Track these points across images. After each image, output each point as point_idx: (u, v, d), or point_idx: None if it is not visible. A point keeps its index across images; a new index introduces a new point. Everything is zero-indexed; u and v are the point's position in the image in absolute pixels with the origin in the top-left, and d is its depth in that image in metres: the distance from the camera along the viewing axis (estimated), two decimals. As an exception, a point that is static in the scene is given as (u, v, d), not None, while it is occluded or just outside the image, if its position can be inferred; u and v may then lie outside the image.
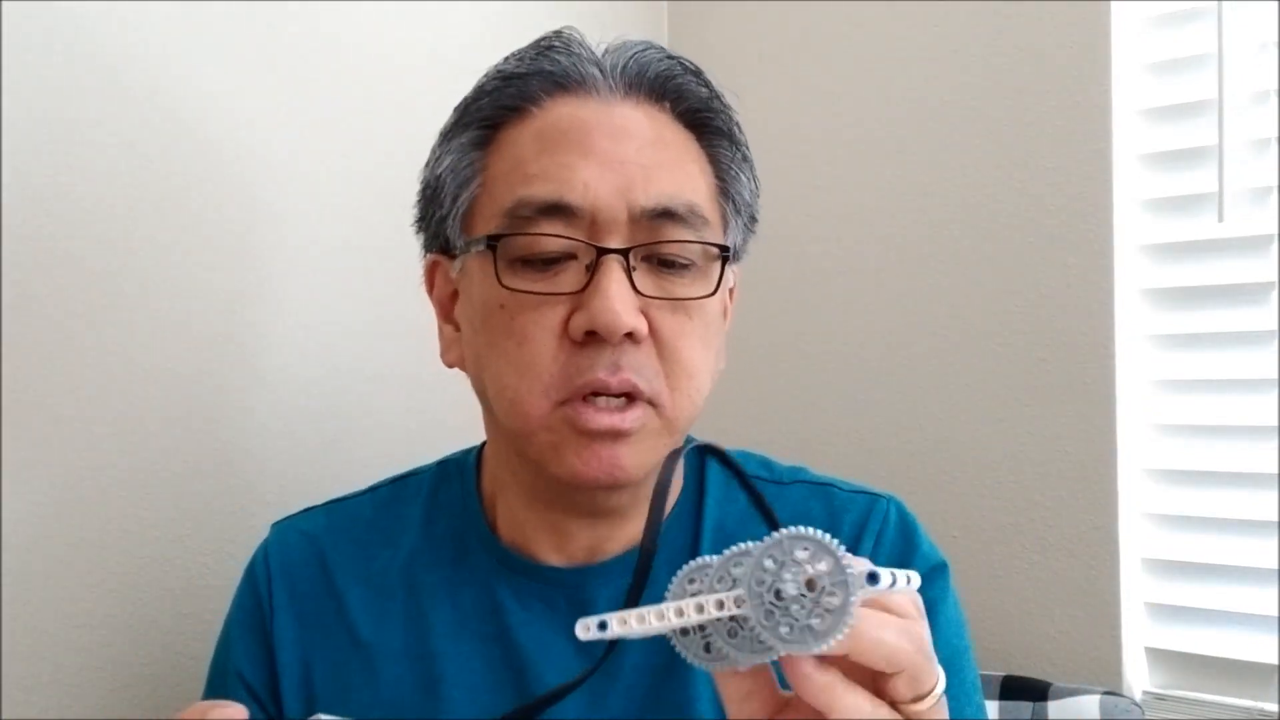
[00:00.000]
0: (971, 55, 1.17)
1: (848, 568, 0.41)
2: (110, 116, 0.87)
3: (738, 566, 0.43)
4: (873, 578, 0.41)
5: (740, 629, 0.43)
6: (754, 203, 0.74)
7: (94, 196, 0.86)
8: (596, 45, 0.70)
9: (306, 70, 1.00)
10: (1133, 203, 1.09)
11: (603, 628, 0.43)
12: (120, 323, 0.88)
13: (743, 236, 0.74)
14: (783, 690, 0.46)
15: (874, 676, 0.44)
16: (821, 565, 0.41)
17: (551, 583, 0.71)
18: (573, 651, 0.69)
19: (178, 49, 0.91)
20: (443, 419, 1.04)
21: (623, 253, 0.64)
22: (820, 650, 0.41)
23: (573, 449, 0.64)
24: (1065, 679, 1.05)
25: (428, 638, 0.71)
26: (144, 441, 0.89)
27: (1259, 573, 1.02)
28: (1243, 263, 1.04)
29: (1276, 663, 1.00)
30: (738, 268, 0.76)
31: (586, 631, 0.44)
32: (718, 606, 0.42)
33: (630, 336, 0.64)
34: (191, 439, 0.92)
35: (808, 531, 0.42)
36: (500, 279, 0.65)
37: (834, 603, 0.40)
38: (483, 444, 0.77)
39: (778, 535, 0.42)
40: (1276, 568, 1.01)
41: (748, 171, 0.73)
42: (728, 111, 0.72)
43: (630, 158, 0.65)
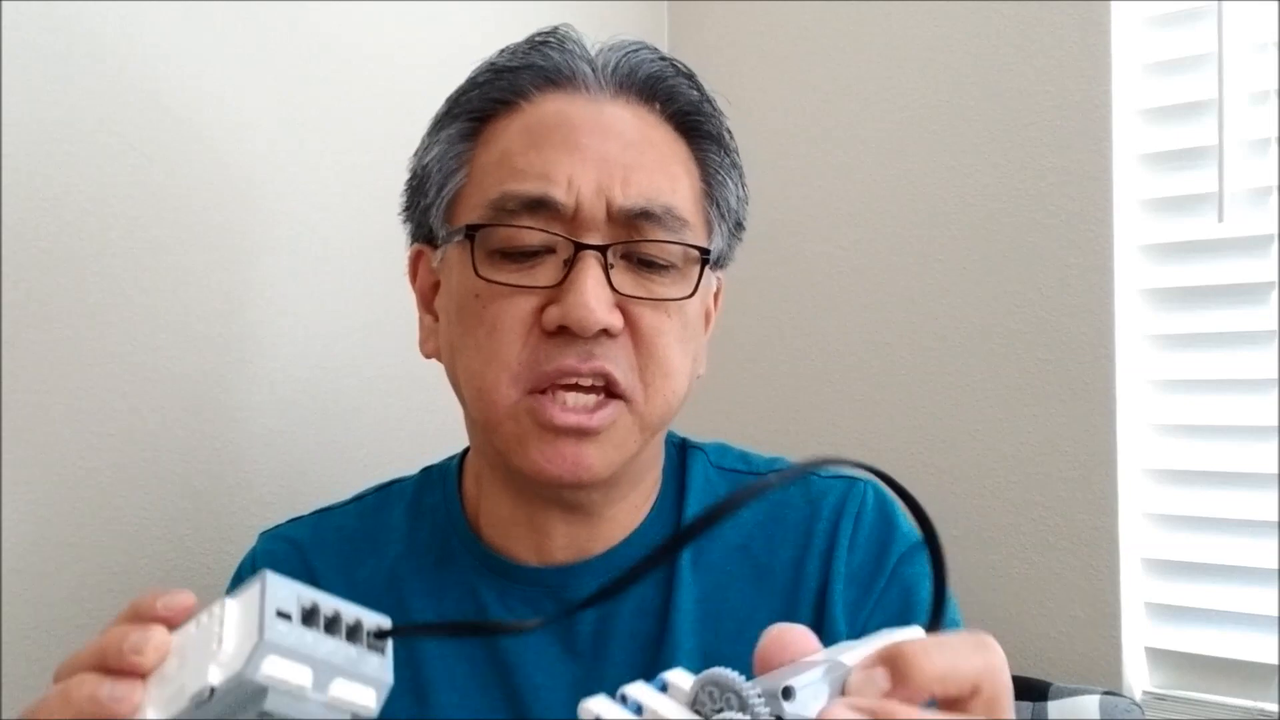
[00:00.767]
0: (971, 55, 1.17)
1: (752, 704, 0.37)
2: (110, 116, 0.87)
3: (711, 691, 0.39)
4: (787, 692, 0.37)
5: None
6: (740, 209, 0.73)
7: (93, 196, 0.86)
8: (591, 43, 0.70)
9: (306, 70, 1.00)
10: (1133, 203, 1.09)
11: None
12: (120, 323, 0.88)
13: (728, 242, 0.73)
14: None
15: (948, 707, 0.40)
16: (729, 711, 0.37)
17: (534, 583, 0.70)
18: (558, 652, 0.69)
19: (176, 49, 0.91)
20: (442, 419, 1.04)
21: (600, 249, 0.64)
22: None
23: (536, 444, 0.64)
24: (1065, 679, 1.05)
25: (414, 643, 0.70)
26: (144, 441, 0.89)
27: (1259, 573, 1.02)
28: (1243, 263, 1.04)
29: (1276, 663, 1.00)
30: (722, 274, 0.76)
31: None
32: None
33: (605, 333, 0.63)
34: (191, 439, 0.93)
35: (714, 675, 0.38)
36: (476, 269, 0.65)
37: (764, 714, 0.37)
38: (466, 450, 0.77)
39: (695, 681, 0.38)
40: (1276, 568, 1.01)
41: (735, 177, 0.72)
42: (718, 116, 0.71)
43: (614, 156, 0.65)
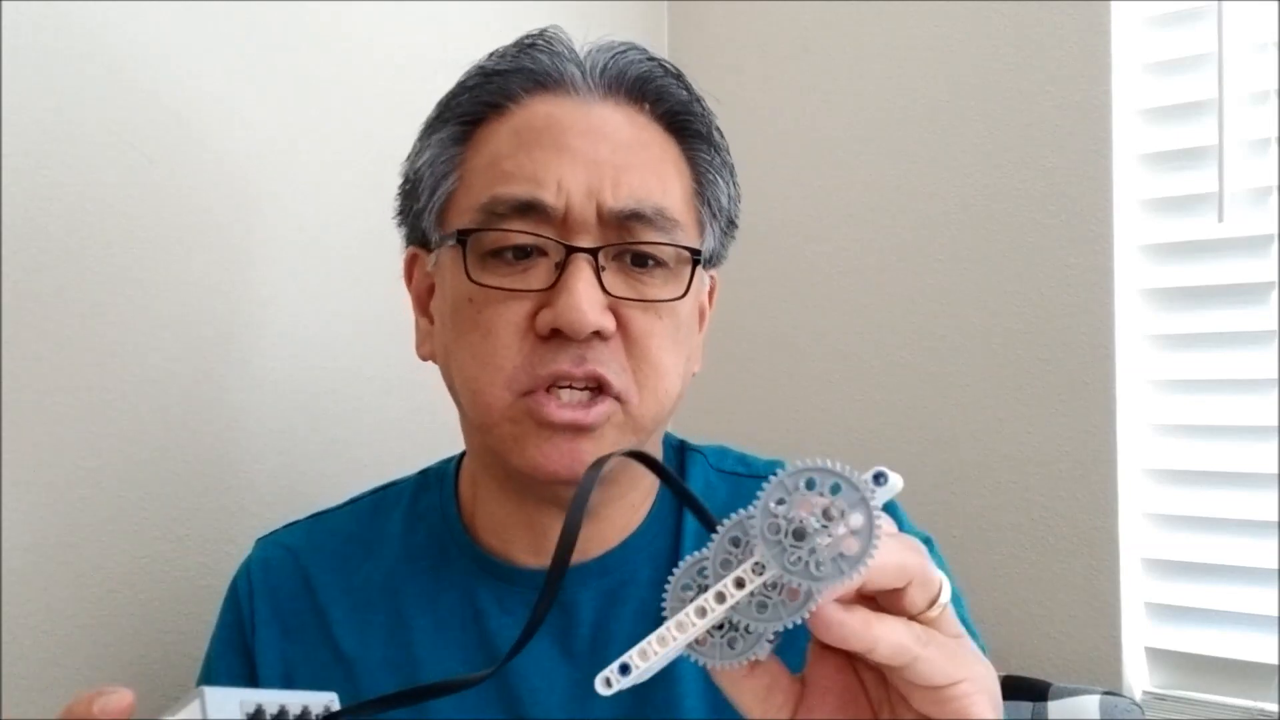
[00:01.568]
0: (971, 55, 1.17)
1: (860, 484, 0.39)
2: (110, 117, 0.87)
3: (735, 540, 0.41)
4: (879, 478, 0.39)
5: (769, 598, 0.40)
6: (732, 207, 0.73)
7: (93, 196, 0.86)
8: (580, 45, 0.70)
9: (306, 70, 1.00)
10: (1133, 203, 1.09)
11: (625, 671, 0.41)
12: (120, 323, 0.88)
13: (720, 241, 0.73)
14: (795, 674, 0.45)
15: (885, 599, 0.42)
16: (829, 490, 0.39)
17: (531, 586, 0.70)
18: (557, 655, 0.69)
19: (176, 49, 0.91)
20: (442, 419, 1.04)
21: (592, 252, 0.64)
22: (861, 575, 0.39)
23: (533, 441, 0.64)
24: (1065, 679, 1.05)
25: (410, 647, 0.70)
26: (144, 441, 0.89)
27: (1259, 573, 1.02)
28: (1243, 263, 1.04)
29: (1276, 663, 1.00)
30: (716, 272, 0.76)
31: (609, 685, 0.41)
32: (738, 585, 0.40)
33: (598, 335, 0.63)
34: (191, 439, 0.92)
35: (807, 463, 0.40)
36: (469, 273, 0.65)
37: (858, 521, 0.39)
38: (462, 453, 0.77)
39: (777, 477, 0.40)
40: (1276, 568, 1.01)
41: (726, 176, 0.72)
42: (708, 115, 0.71)
43: (604, 158, 0.65)
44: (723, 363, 1.31)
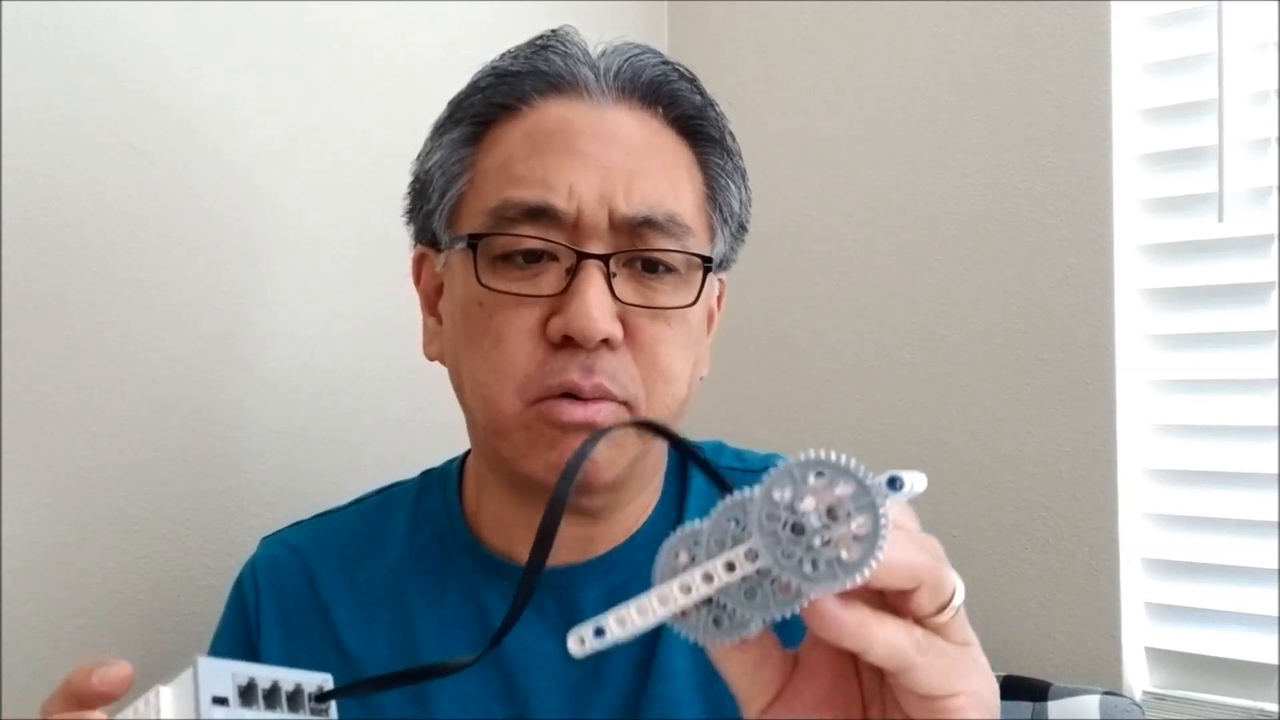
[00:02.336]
0: (971, 55, 1.17)
1: (871, 485, 0.37)
2: (110, 116, 0.87)
3: (735, 519, 0.38)
4: (894, 483, 0.37)
5: (759, 586, 0.38)
6: (743, 212, 0.73)
7: (94, 196, 0.86)
8: (594, 46, 0.69)
9: (307, 70, 1.00)
10: (1133, 203, 1.09)
11: (600, 634, 0.39)
12: (120, 323, 0.88)
13: (730, 245, 0.73)
14: (788, 649, 0.44)
15: (893, 598, 0.40)
16: (840, 489, 0.37)
17: (537, 585, 0.70)
18: (560, 653, 0.68)
19: (177, 49, 0.91)
20: (444, 419, 1.04)
21: (603, 258, 0.64)
22: (856, 582, 0.36)
23: (547, 443, 0.64)
24: (1065, 679, 1.05)
25: (414, 647, 0.70)
26: (144, 441, 0.89)
27: (1259, 573, 1.02)
28: (1243, 263, 1.04)
29: (1276, 663, 1.00)
30: (725, 275, 0.75)
31: (582, 644, 0.39)
32: (728, 569, 0.38)
33: (606, 343, 0.63)
34: (191, 439, 0.92)
35: (818, 455, 0.38)
36: (480, 278, 0.64)
37: (863, 527, 0.36)
38: (466, 453, 0.76)
39: (785, 465, 0.38)
40: (1276, 568, 1.01)
41: (738, 181, 0.72)
42: (721, 120, 0.71)
43: (616, 163, 0.65)
44: (723, 362, 1.30)
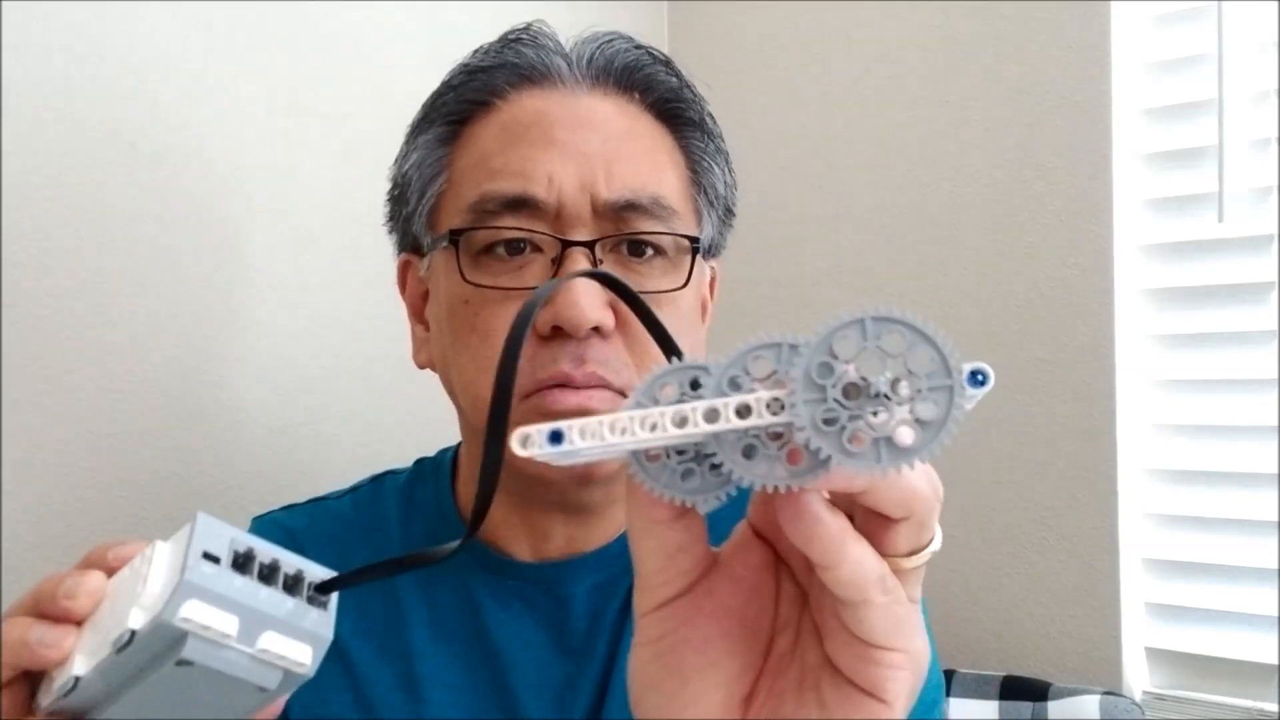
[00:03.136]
0: (972, 55, 1.17)
1: (954, 366, 0.31)
2: (110, 116, 0.87)
3: (760, 361, 0.32)
4: (977, 376, 0.31)
5: (764, 447, 0.32)
6: (729, 195, 0.72)
7: (93, 196, 0.86)
8: (566, 37, 0.69)
9: (304, 70, 1.00)
10: (1133, 203, 1.09)
11: (556, 439, 0.32)
12: (120, 323, 0.88)
13: (718, 229, 0.72)
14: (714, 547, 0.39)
15: (869, 522, 0.35)
16: (917, 361, 0.31)
17: (529, 580, 0.69)
18: (552, 649, 0.68)
19: (173, 50, 0.91)
20: (436, 416, 1.05)
21: (588, 245, 0.63)
22: (893, 474, 0.31)
23: None
24: (1065, 679, 1.05)
25: (406, 638, 0.70)
26: (143, 441, 0.89)
27: (1259, 573, 1.02)
28: (1243, 263, 1.04)
29: (1276, 663, 1.00)
30: (717, 263, 0.75)
31: (524, 446, 0.32)
32: (741, 413, 0.31)
33: (597, 331, 0.62)
34: (191, 439, 0.92)
35: (900, 315, 0.31)
36: (463, 274, 0.64)
37: (929, 412, 0.31)
38: (459, 444, 0.76)
39: (856, 316, 0.32)
40: (1276, 568, 1.01)
41: (721, 163, 0.71)
42: (699, 102, 0.70)
43: (594, 149, 0.64)
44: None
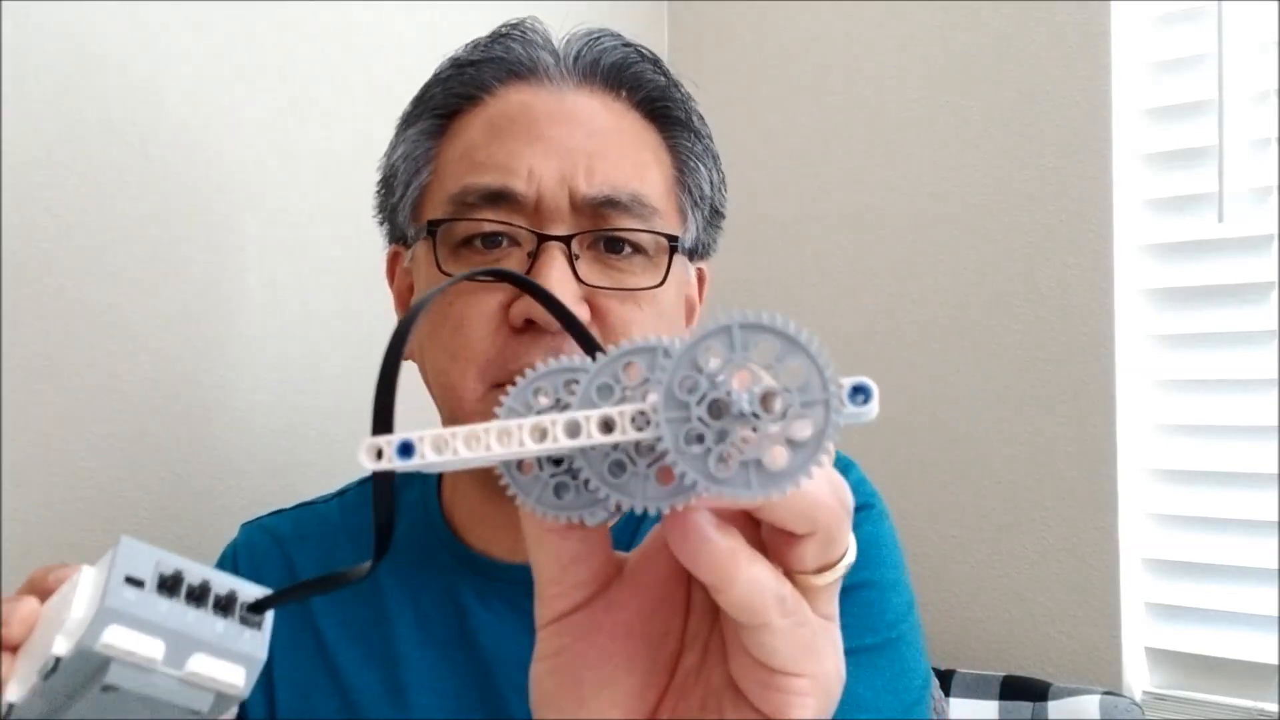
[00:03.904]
0: (971, 55, 1.17)
1: (829, 379, 0.28)
2: (110, 116, 0.87)
3: (633, 367, 0.29)
4: (859, 391, 0.28)
5: (632, 463, 0.29)
6: (716, 195, 0.72)
7: (93, 196, 0.86)
8: (556, 34, 0.69)
9: (300, 70, 1.00)
10: (1133, 203, 1.09)
11: (406, 452, 0.30)
12: (120, 324, 0.88)
13: (704, 229, 0.72)
14: (620, 553, 0.36)
15: (772, 538, 0.32)
16: (791, 375, 0.28)
17: (514, 582, 0.69)
18: None
19: (172, 50, 0.91)
20: (432, 416, 1.05)
21: (565, 240, 0.63)
22: (770, 498, 0.28)
23: None
24: (1065, 679, 1.05)
25: (392, 642, 0.70)
26: (143, 441, 0.89)
27: (1259, 573, 1.02)
28: (1243, 263, 1.04)
29: (1276, 663, 1.00)
30: (705, 265, 0.74)
31: (377, 459, 0.30)
32: (603, 428, 0.28)
33: None
34: (190, 439, 0.92)
35: (770, 320, 0.28)
36: (440, 265, 0.64)
37: (803, 431, 0.28)
38: None
39: (724, 322, 0.28)
40: (1276, 568, 1.01)
41: (709, 163, 0.71)
42: (686, 101, 0.70)
43: (577, 145, 0.64)
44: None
